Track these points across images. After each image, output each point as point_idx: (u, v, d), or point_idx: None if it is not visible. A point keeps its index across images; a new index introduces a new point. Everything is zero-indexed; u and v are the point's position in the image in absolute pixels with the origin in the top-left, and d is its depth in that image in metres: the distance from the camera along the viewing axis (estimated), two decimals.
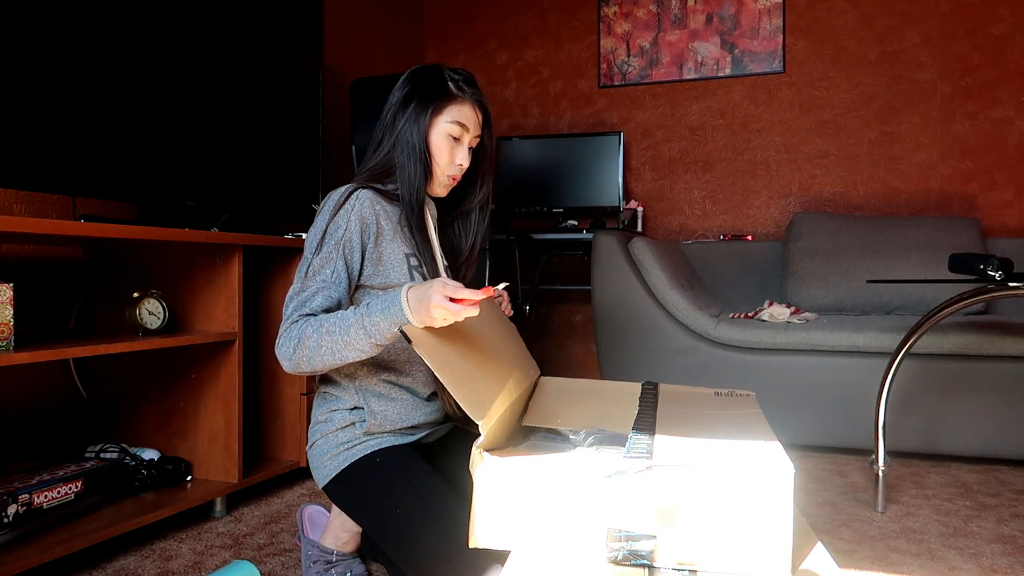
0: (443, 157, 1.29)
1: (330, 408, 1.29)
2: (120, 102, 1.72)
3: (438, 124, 1.28)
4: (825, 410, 2.38)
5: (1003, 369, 2.23)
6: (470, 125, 1.30)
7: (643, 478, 0.87)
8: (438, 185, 1.32)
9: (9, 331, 1.35)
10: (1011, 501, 1.93)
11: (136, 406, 1.94)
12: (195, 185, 1.94)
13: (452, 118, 1.28)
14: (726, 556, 0.86)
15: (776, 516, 0.84)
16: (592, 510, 0.89)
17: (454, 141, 1.29)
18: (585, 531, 0.89)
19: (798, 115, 3.28)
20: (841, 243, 2.86)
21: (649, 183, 3.52)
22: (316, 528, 1.48)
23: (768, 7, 3.30)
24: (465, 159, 1.30)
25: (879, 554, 1.57)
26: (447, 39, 3.83)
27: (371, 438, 1.26)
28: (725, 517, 0.85)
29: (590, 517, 0.89)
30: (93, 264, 1.93)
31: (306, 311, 1.15)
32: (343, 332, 1.09)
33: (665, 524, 0.86)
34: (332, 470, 1.25)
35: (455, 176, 1.31)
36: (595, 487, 0.89)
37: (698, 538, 0.86)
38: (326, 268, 1.19)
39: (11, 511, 1.41)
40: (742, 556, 0.85)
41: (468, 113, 1.30)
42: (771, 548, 0.85)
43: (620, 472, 0.88)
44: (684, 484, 0.86)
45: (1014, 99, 3.00)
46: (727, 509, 0.85)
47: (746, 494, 0.85)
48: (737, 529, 0.85)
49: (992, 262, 1.66)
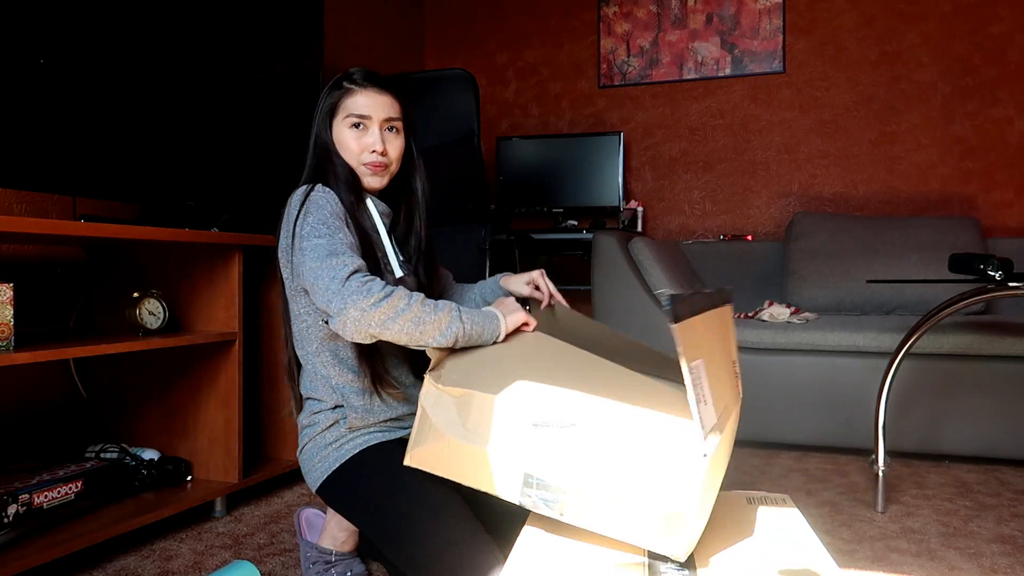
0: (350, 151, 1.30)
1: (312, 411, 1.30)
2: (120, 102, 1.72)
3: (338, 122, 1.31)
4: (825, 410, 2.38)
5: (1003, 369, 2.23)
6: (369, 111, 1.30)
7: (566, 436, 0.91)
8: (364, 176, 1.32)
9: (9, 331, 1.35)
10: (1011, 501, 1.93)
11: (136, 406, 1.94)
12: (195, 185, 1.94)
13: (347, 111, 1.30)
14: (631, 525, 0.87)
15: (684, 493, 0.84)
16: (514, 453, 0.94)
17: (359, 130, 1.30)
18: (507, 471, 0.94)
19: (798, 115, 3.28)
20: (841, 243, 2.86)
21: (649, 183, 3.52)
22: (313, 530, 1.48)
23: (768, 7, 3.30)
24: (377, 143, 1.30)
25: (879, 554, 1.57)
26: (447, 39, 3.83)
27: (358, 434, 1.26)
28: (634, 486, 0.87)
29: (512, 459, 0.94)
30: (93, 264, 1.93)
31: (356, 263, 1.11)
32: (437, 310, 1.12)
33: (576, 481, 0.89)
34: (323, 472, 1.25)
35: (375, 163, 1.30)
36: (521, 432, 0.94)
37: (606, 501, 0.88)
38: (337, 234, 1.16)
39: (11, 511, 1.41)
40: (647, 527, 0.86)
41: (363, 101, 1.30)
42: (677, 525, 0.85)
43: (546, 424, 0.92)
44: (601, 447, 0.89)
45: (1014, 99, 3.00)
46: (637, 478, 0.87)
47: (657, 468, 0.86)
48: (645, 500, 0.86)
49: (992, 262, 1.66)
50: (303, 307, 1.27)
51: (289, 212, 1.24)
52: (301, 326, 1.28)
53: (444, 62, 3.83)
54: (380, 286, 1.09)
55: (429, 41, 3.86)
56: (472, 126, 2.43)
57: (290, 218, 1.22)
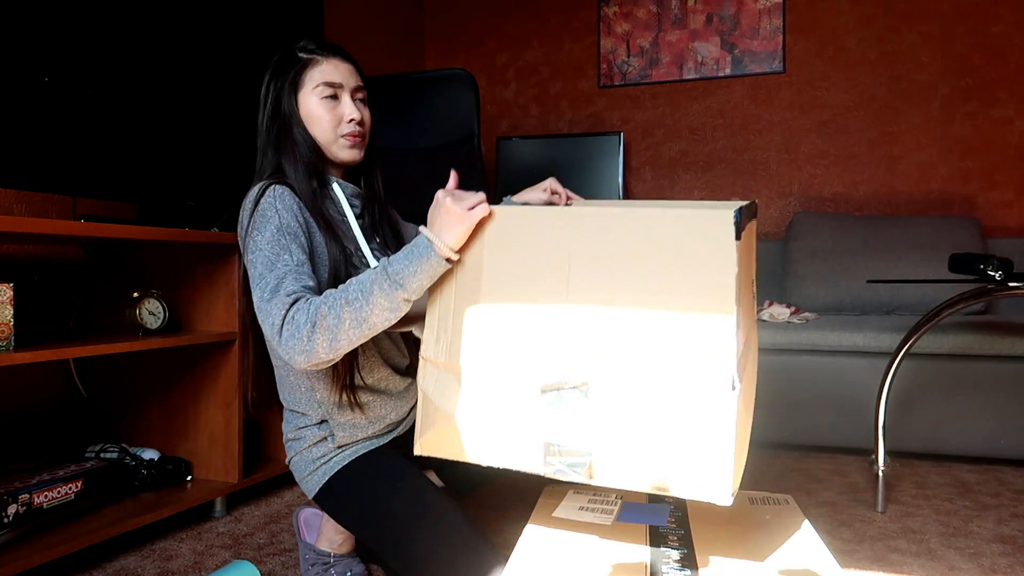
0: (325, 122, 1.19)
1: (297, 426, 1.25)
2: (120, 103, 1.72)
3: (305, 95, 1.20)
4: (825, 410, 2.38)
5: (1003, 369, 2.23)
6: (341, 79, 1.21)
7: (579, 396, 0.84)
8: (341, 150, 1.21)
9: (9, 331, 1.35)
10: (1011, 501, 1.93)
11: (136, 406, 1.94)
12: (195, 185, 1.94)
13: (317, 81, 1.19)
14: (667, 476, 0.82)
15: (718, 432, 0.79)
16: (528, 423, 0.87)
17: (332, 100, 1.20)
18: (525, 443, 0.88)
19: (798, 115, 3.28)
20: (841, 243, 2.86)
21: (649, 183, 3.51)
22: (312, 531, 1.48)
23: (768, 7, 3.30)
24: (355, 111, 1.21)
25: (879, 554, 1.57)
26: (447, 39, 3.83)
27: (346, 447, 1.23)
28: (663, 433, 0.81)
29: (527, 430, 0.88)
30: (93, 264, 1.93)
31: (288, 297, 1.00)
32: (366, 295, 0.97)
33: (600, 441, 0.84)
34: (315, 484, 1.23)
35: (354, 132, 1.21)
36: (530, 400, 0.87)
37: (636, 455, 0.83)
38: (282, 256, 1.06)
39: (11, 511, 1.41)
40: (684, 474, 0.82)
41: (331, 69, 1.20)
42: (713, 467, 0.80)
43: (556, 388, 0.86)
44: (619, 400, 0.83)
45: (1014, 99, 3.00)
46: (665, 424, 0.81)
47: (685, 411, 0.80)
48: (677, 447, 0.81)
49: (992, 262, 1.66)
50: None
51: (241, 220, 1.15)
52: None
53: (444, 62, 3.83)
54: (304, 316, 0.97)
55: (429, 41, 3.86)
56: (472, 126, 2.43)
57: (242, 226, 1.14)
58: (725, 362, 0.80)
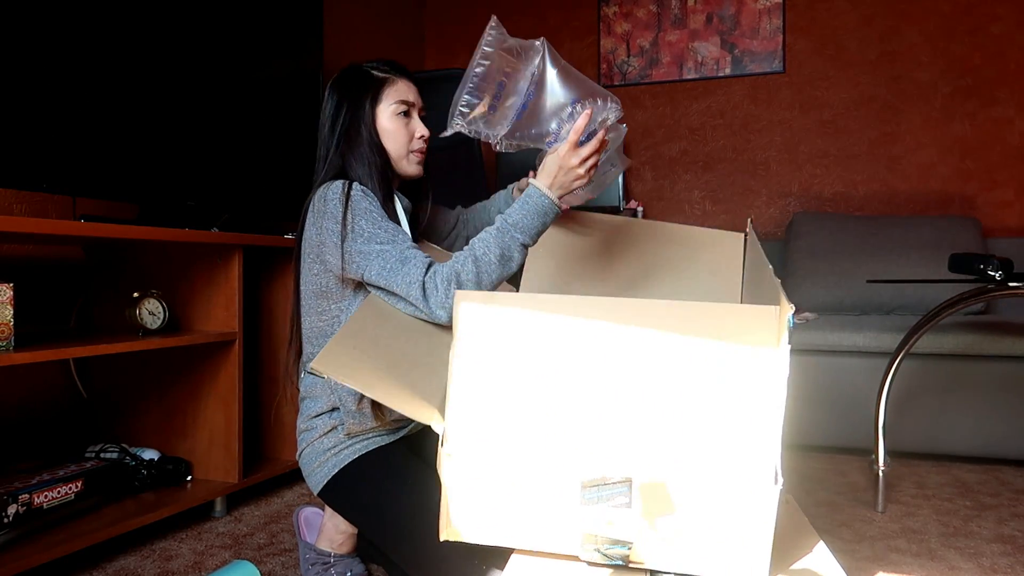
0: (401, 137, 1.31)
1: (310, 415, 1.28)
2: (120, 102, 1.72)
3: (382, 111, 1.30)
4: (825, 410, 2.38)
5: (1003, 369, 2.23)
6: (412, 98, 1.33)
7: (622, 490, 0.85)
8: (409, 165, 1.33)
9: (9, 331, 1.35)
10: (1011, 501, 1.93)
11: (136, 406, 1.94)
12: (195, 185, 1.94)
13: (393, 99, 1.30)
14: (704, 560, 0.85)
15: (759, 525, 0.82)
16: (570, 516, 0.87)
17: (405, 117, 1.31)
18: (563, 533, 0.88)
19: (798, 115, 3.28)
20: (841, 243, 2.86)
21: (649, 183, 3.51)
22: (312, 530, 1.48)
23: (768, 7, 3.30)
24: (424, 130, 1.33)
25: (879, 554, 1.57)
26: (447, 39, 3.83)
27: (356, 440, 1.24)
28: (705, 525, 0.84)
29: (568, 522, 0.88)
30: (93, 264, 1.93)
31: (425, 259, 1.13)
32: (489, 247, 1.13)
33: (645, 529, 0.85)
34: (323, 477, 1.24)
35: (422, 149, 1.33)
36: (572, 499, 0.87)
37: (674, 544, 0.85)
38: (398, 234, 1.17)
39: (11, 511, 1.41)
40: (720, 560, 0.84)
41: (404, 89, 1.32)
42: (750, 556, 0.83)
43: (597, 485, 0.86)
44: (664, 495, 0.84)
45: (1014, 99, 3.00)
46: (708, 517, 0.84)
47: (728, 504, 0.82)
48: (718, 538, 0.83)
49: (992, 262, 1.66)
50: (324, 307, 1.25)
51: (329, 210, 1.19)
52: (319, 323, 1.26)
53: (444, 62, 3.83)
54: (443, 280, 1.11)
55: (429, 41, 3.86)
56: None
57: (333, 216, 1.18)
58: (768, 456, 0.82)
